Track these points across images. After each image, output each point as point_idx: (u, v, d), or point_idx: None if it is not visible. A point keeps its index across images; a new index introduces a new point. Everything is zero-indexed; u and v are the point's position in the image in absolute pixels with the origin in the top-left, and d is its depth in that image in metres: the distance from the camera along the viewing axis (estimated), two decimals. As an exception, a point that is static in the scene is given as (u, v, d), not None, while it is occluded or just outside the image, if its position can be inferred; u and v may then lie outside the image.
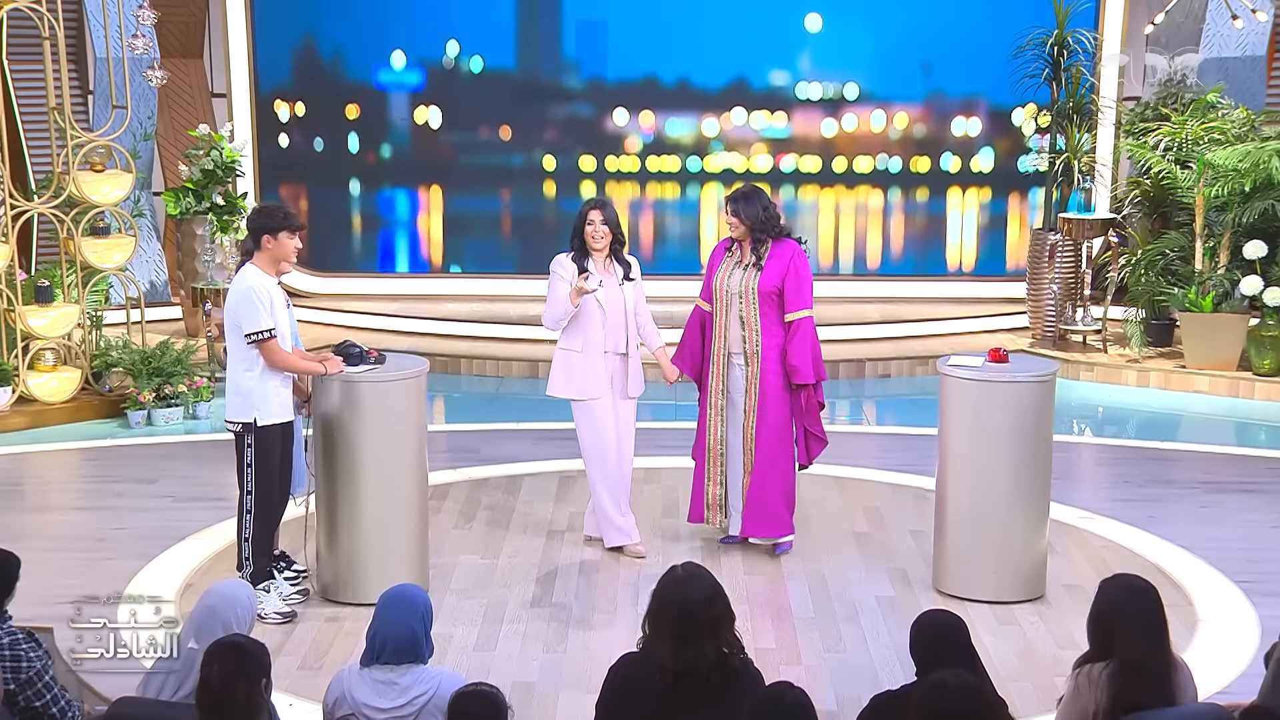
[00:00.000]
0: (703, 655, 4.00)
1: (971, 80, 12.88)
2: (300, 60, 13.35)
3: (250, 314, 6.15)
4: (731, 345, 7.05)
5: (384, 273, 13.50)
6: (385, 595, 4.37)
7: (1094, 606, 4.19)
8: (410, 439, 6.49)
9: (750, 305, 6.96)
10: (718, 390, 7.12)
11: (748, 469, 7.09)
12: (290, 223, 6.23)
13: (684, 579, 4.13)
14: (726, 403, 7.11)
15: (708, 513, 7.23)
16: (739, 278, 6.99)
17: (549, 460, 8.84)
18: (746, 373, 7.03)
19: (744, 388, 7.05)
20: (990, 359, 6.62)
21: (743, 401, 7.06)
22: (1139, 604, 4.10)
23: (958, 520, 6.59)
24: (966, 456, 6.53)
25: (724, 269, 7.06)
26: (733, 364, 7.07)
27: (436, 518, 7.56)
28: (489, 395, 11.14)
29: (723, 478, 7.17)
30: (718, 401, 7.13)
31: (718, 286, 7.04)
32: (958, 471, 6.57)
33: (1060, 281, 11.75)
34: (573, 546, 7.34)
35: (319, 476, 6.48)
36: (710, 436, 7.16)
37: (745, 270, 6.99)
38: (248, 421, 6.22)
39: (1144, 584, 4.18)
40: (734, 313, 7.01)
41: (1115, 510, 7.93)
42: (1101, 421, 10.56)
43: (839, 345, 11.73)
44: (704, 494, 7.19)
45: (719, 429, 7.14)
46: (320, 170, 13.40)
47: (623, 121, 13.05)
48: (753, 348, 7.00)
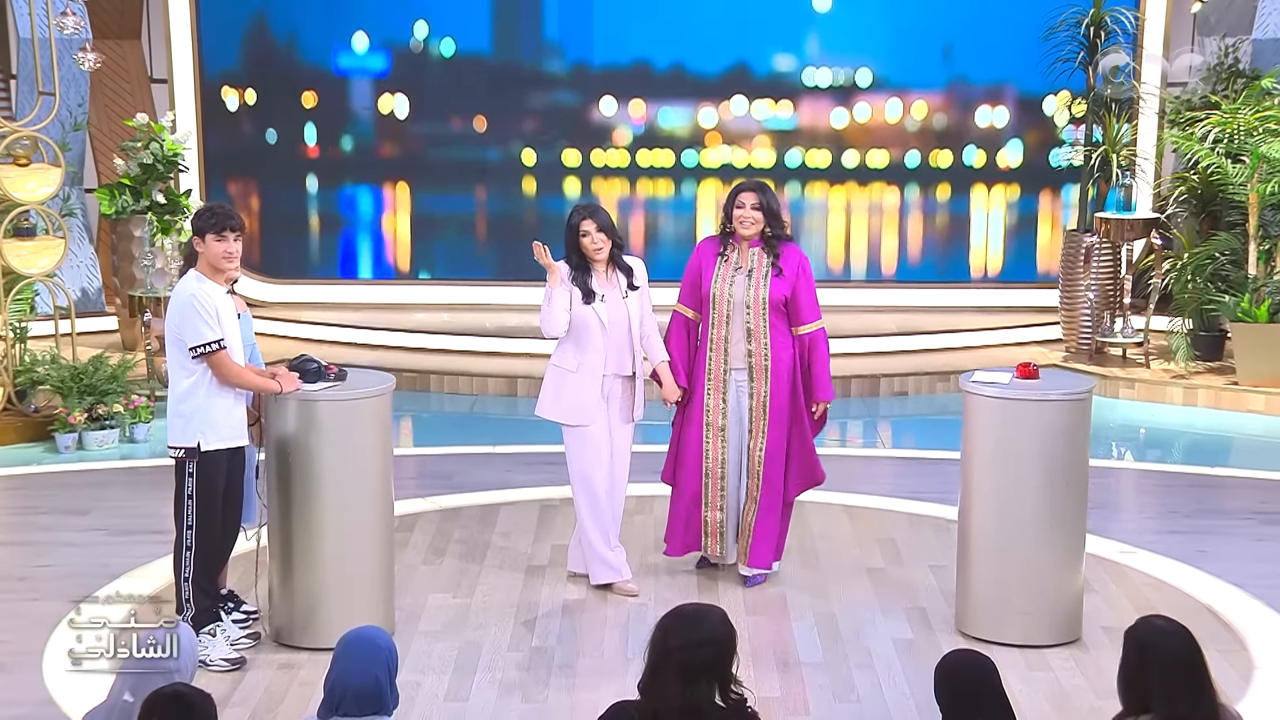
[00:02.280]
0: (711, 703, 3.99)
1: (998, 65, 12.93)
2: (251, 42, 13.37)
3: (194, 325, 6.15)
4: (734, 360, 7.07)
5: (345, 279, 13.51)
6: (345, 639, 4.36)
7: (1122, 659, 4.15)
8: (374, 464, 6.48)
9: (760, 316, 6.99)
10: (716, 409, 7.14)
11: (753, 496, 7.11)
12: (219, 223, 6.20)
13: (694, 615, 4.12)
14: (728, 423, 7.13)
15: (706, 540, 7.24)
16: (744, 285, 7.01)
17: (529, 487, 8.84)
18: (751, 389, 7.06)
19: (749, 405, 7.08)
20: (1019, 375, 6.63)
21: (747, 421, 7.09)
22: (1170, 647, 4.06)
23: (983, 554, 6.60)
24: (993, 483, 6.54)
25: (721, 275, 7.06)
26: (732, 380, 7.09)
27: (403, 552, 7.56)
28: (462, 415, 11.14)
29: (723, 503, 7.20)
30: (717, 420, 7.14)
31: (717, 295, 7.05)
32: (983, 500, 6.58)
33: (1097, 289, 11.79)
34: (555, 584, 7.33)
35: (272, 507, 6.47)
36: (709, 459, 7.18)
37: (750, 278, 7.00)
38: (191, 446, 6.21)
39: (1173, 624, 4.16)
40: (738, 325, 7.02)
41: (1160, 544, 7.93)
42: (1144, 444, 10.58)
43: (851, 360, 11.75)
44: (700, 521, 7.21)
45: (719, 450, 7.16)
46: (273, 165, 13.41)
47: (610, 111, 13.08)
48: (760, 362, 7.03)
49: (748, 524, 7.16)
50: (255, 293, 12.89)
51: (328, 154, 13.35)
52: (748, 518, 7.16)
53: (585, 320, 6.95)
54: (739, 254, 7.07)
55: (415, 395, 11.43)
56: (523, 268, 13.16)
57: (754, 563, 7.18)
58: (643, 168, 13.16)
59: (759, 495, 7.11)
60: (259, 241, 13.45)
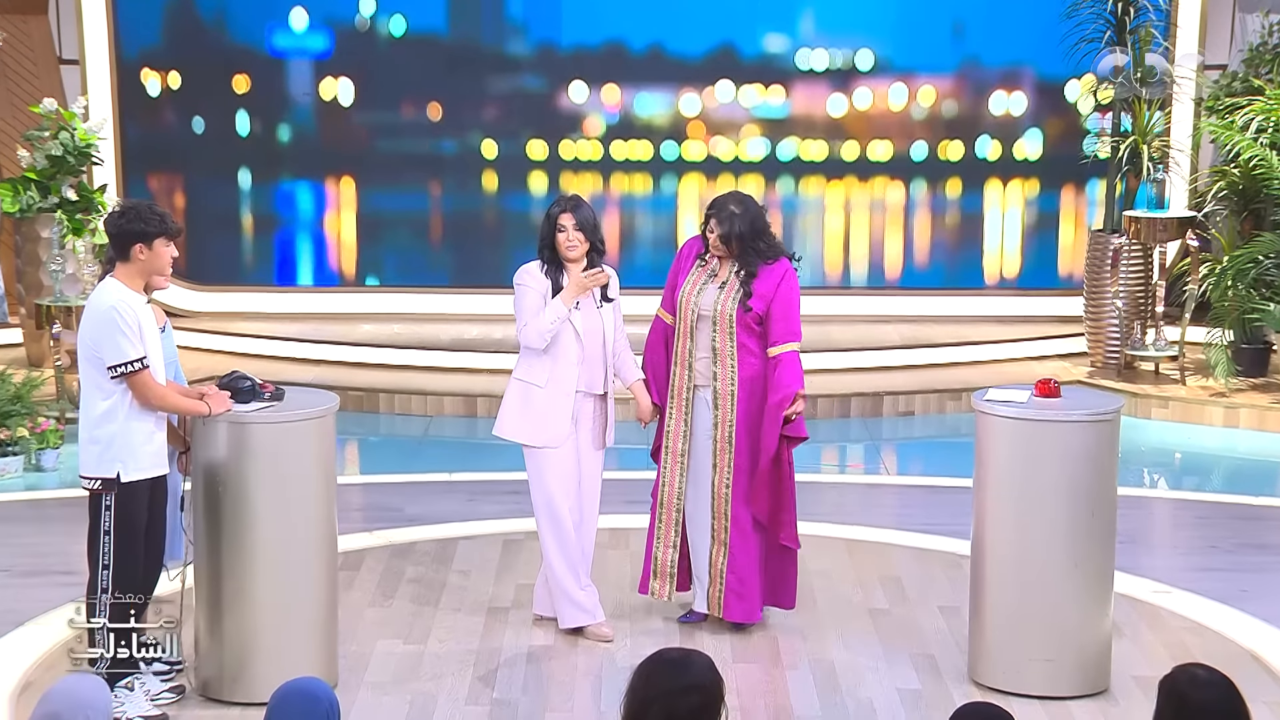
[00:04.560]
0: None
1: (1015, 46, 12.99)
2: (175, 18, 13.36)
3: (114, 340, 6.14)
4: (698, 378, 7.07)
5: (282, 286, 13.48)
6: (280, 692, 4.35)
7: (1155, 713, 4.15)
8: (315, 494, 6.47)
9: (725, 334, 6.99)
10: (677, 432, 7.13)
11: (719, 538, 7.10)
12: (168, 227, 6.23)
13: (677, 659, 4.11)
14: (689, 448, 7.13)
15: (654, 582, 7.24)
16: (712, 297, 7.01)
17: (490, 520, 8.83)
18: (715, 416, 7.06)
19: (711, 433, 7.07)
20: (1038, 393, 6.66)
21: (710, 449, 7.09)
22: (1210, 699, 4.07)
23: (999, 594, 6.61)
24: (1010, 514, 6.56)
25: (693, 281, 7.07)
26: (698, 400, 7.09)
27: (348, 593, 7.54)
28: (415, 439, 11.12)
29: (676, 540, 7.19)
30: (676, 445, 7.14)
31: (683, 301, 7.06)
32: (999, 533, 6.60)
33: (1126, 296, 11.83)
34: (519, 628, 7.33)
35: (199, 543, 6.46)
36: (664, 489, 7.17)
37: (722, 290, 7.01)
38: (108, 477, 6.19)
39: (1213, 674, 4.17)
40: (703, 337, 7.03)
41: (1198, 582, 7.95)
42: (1179, 471, 10.62)
43: (851, 376, 11.78)
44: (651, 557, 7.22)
45: (676, 479, 7.16)
46: (201, 157, 13.39)
47: (581, 98, 13.09)
48: (726, 386, 7.02)
49: (718, 570, 7.14)
50: (180, 301, 12.86)
51: (262, 145, 13.33)
52: (717, 563, 7.15)
53: (558, 331, 6.97)
54: (717, 261, 7.08)
55: (362, 416, 11.41)
56: (482, 273, 13.26)
57: (730, 616, 7.16)
58: (617, 161, 13.18)
59: (727, 538, 7.10)
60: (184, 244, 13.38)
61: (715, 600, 7.16)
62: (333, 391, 6.92)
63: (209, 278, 13.29)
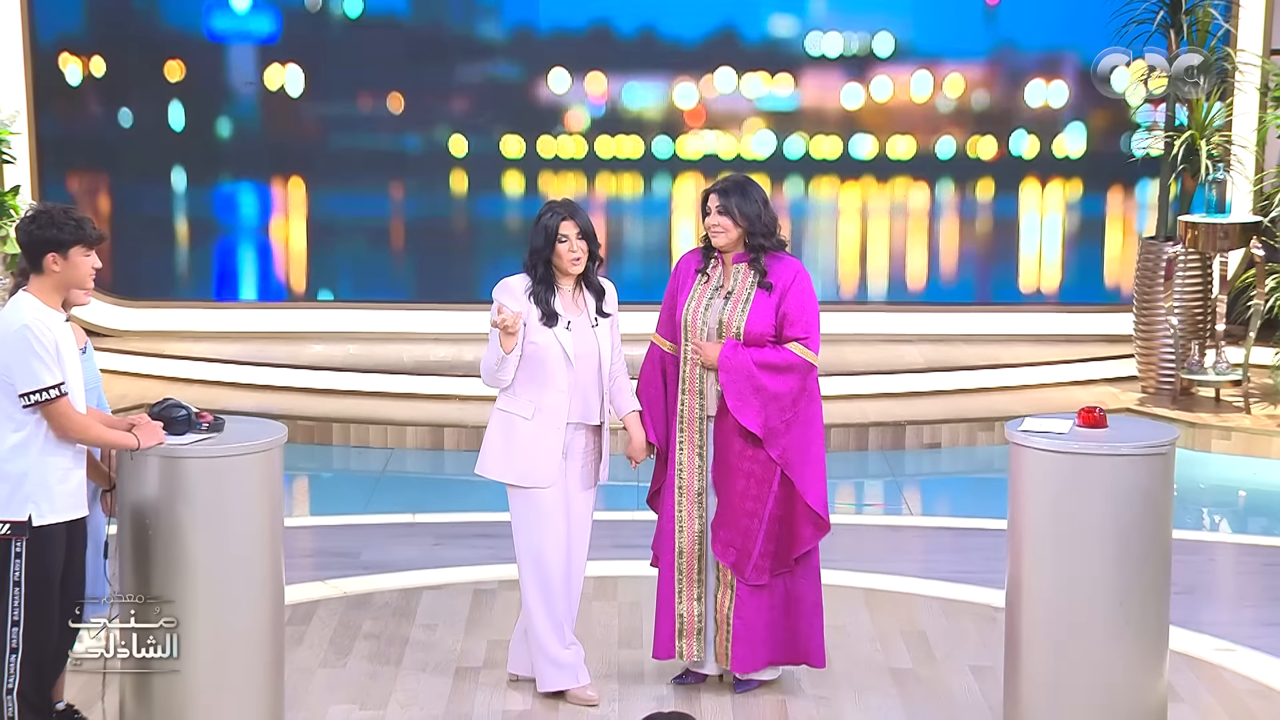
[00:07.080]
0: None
1: (1054, 28, 13.04)
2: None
3: (27, 365, 6.12)
4: (710, 406, 7.05)
5: (222, 302, 13.49)
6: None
7: None
8: (259, 539, 6.46)
9: (742, 351, 7.00)
10: (691, 467, 7.13)
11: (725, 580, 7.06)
12: (86, 234, 6.22)
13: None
14: (707, 485, 7.12)
15: (680, 642, 7.21)
16: (720, 311, 7.01)
17: (459, 566, 8.82)
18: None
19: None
20: (1082, 422, 6.66)
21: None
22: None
23: (1038, 652, 6.61)
24: (1050, 561, 6.56)
25: (697, 297, 7.08)
26: (711, 431, 7.07)
27: (296, 651, 7.53)
28: (373, 475, 11.12)
29: (700, 592, 7.17)
30: (691, 483, 7.14)
31: (688, 320, 7.06)
32: (1037, 582, 6.60)
33: (1182, 312, 11.85)
34: (492, 691, 7.31)
35: (126, 595, 6.44)
36: (682, 534, 7.16)
37: (729, 302, 7.01)
38: (18, 520, 6.17)
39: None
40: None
41: (1265, 639, 7.95)
42: (1244, 511, 10.62)
43: (868, 403, 11.79)
44: (673, 616, 7.19)
45: (694, 521, 7.15)
46: (129, 154, 13.40)
47: (562, 88, 13.12)
48: (739, 412, 7.04)
49: (724, 615, 7.13)
50: (105, 319, 12.86)
51: (199, 141, 13.34)
52: (723, 608, 7.14)
53: (546, 351, 6.91)
54: (721, 271, 7.08)
55: (313, 449, 11.42)
56: (450, 287, 13.25)
57: (737, 667, 7.15)
58: (603, 159, 13.20)
59: (733, 579, 7.08)
60: (110, 253, 13.40)
61: (723, 650, 7.14)
62: (280, 421, 6.91)
63: (138, 292, 13.28)
